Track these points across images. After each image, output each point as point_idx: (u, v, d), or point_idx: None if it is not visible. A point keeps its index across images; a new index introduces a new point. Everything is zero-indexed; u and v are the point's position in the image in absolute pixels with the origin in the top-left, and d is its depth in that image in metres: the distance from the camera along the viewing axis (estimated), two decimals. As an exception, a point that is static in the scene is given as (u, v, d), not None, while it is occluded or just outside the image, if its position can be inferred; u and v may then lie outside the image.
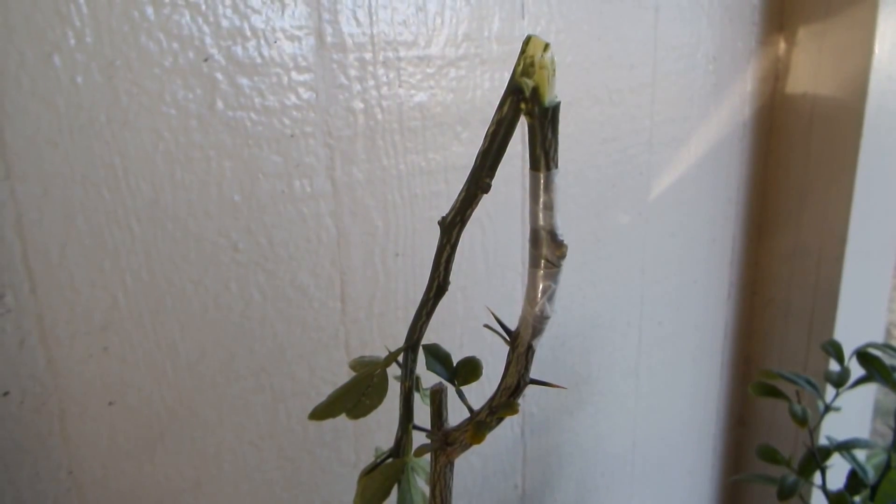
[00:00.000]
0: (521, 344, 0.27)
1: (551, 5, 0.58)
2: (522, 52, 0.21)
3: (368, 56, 0.49)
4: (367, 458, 0.56)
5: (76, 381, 0.42)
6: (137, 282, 0.43)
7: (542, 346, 0.68)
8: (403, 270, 0.54)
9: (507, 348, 0.29)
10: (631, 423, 0.80)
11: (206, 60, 0.42)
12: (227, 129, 0.44)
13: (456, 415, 0.36)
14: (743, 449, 0.96)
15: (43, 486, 0.43)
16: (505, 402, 0.28)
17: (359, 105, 0.49)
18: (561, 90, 0.60)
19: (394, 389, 0.35)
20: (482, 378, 0.56)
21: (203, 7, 0.42)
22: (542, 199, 0.23)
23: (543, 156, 0.23)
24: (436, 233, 0.28)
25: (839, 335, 0.81)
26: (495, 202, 0.59)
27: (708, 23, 0.71)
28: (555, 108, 0.22)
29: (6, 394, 0.40)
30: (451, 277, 0.30)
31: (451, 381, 0.33)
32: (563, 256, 0.23)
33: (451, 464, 0.33)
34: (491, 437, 0.66)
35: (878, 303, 0.88)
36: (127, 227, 0.42)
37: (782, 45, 0.80)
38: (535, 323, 0.26)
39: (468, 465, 0.65)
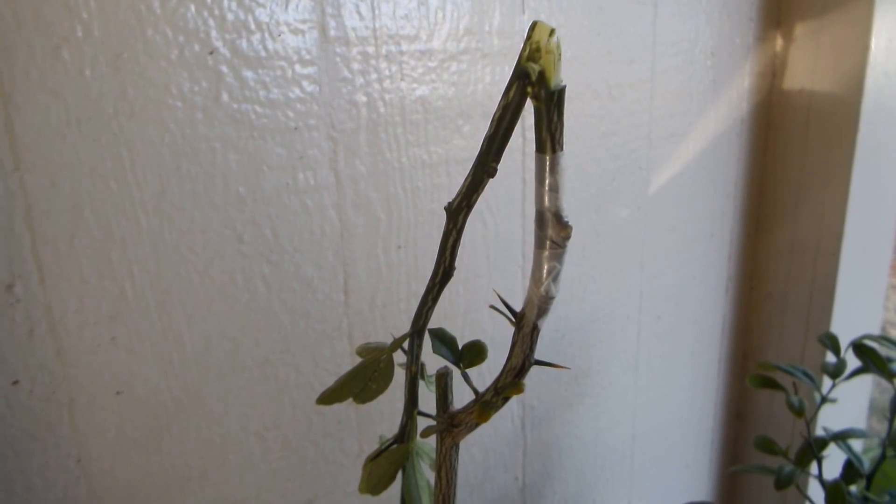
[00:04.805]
0: (526, 324, 0.27)
1: (551, 0, 0.59)
2: (528, 37, 0.22)
3: (371, 50, 0.49)
4: (370, 449, 0.57)
5: (84, 371, 0.43)
6: (144, 273, 0.44)
7: (542, 339, 0.69)
8: (406, 262, 0.55)
9: (508, 340, 0.29)
10: (630, 416, 0.81)
11: (211, 53, 0.43)
12: (232, 121, 0.45)
13: (460, 403, 0.36)
14: (741, 441, 0.97)
15: (52, 475, 0.43)
16: (510, 382, 0.29)
17: (362, 98, 0.50)
18: (565, 83, 0.61)
19: (398, 380, 0.36)
20: (483, 371, 0.57)
21: (208, 0, 0.42)
22: (547, 181, 0.23)
23: (549, 138, 0.23)
24: (437, 225, 0.29)
25: (836, 330, 0.82)
26: (496, 194, 0.59)
27: (706, 19, 0.72)
28: (560, 92, 0.23)
29: (16, 383, 0.41)
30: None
31: (456, 363, 0.33)
32: (568, 237, 0.24)
33: (457, 446, 0.34)
34: (491, 430, 0.67)
35: (874, 298, 0.88)
36: (134, 219, 0.43)
37: (780, 42, 0.81)
38: (540, 303, 0.26)
39: (470, 457, 0.65)
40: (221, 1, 0.43)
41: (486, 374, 0.61)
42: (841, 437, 0.64)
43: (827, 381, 0.67)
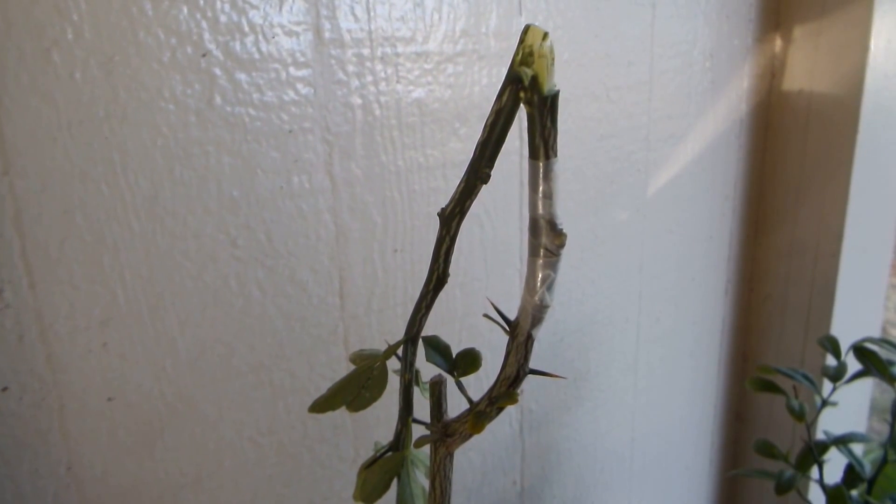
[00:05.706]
0: (520, 333, 0.27)
1: (548, 2, 0.58)
2: (521, 41, 0.21)
3: (366, 52, 0.49)
4: (366, 454, 0.56)
5: (75, 377, 0.42)
6: (137, 278, 0.43)
7: (541, 342, 0.68)
8: (402, 266, 0.54)
9: (505, 344, 0.29)
10: (629, 418, 0.80)
11: (204, 56, 0.42)
12: (225, 124, 0.44)
13: (455, 410, 0.36)
14: (741, 444, 0.97)
15: (42, 482, 0.43)
16: (504, 392, 0.28)
17: (357, 101, 0.49)
18: (558, 87, 0.60)
19: (393, 385, 0.35)
20: (480, 375, 0.56)
21: (201, 2, 0.42)
22: (541, 188, 0.23)
23: (543, 144, 0.23)
24: (434, 228, 0.28)
25: (836, 331, 0.82)
26: (493, 198, 0.59)
27: (704, 20, 0.72)
28: (554, 97, 0.23)
29: (5, 389, 0.40)
30: (450, 274, 0.30)
31: (450, 372, 0.33)
32: (562, 245, 0.24)
33: (451, 455, 0.33)
34: (490, 434, 0.66)
35: (874, 299, 0.88)
36: (126, 223, 0.42)
37: (779, 43, 0.80)
38: (534, 312, 0.26)
39: (467, 461, 0.65)
40: (214, 3, 0.42)
41: (483, 378, 0.60)
42: (842, 442, 0.63)
43: (827, 384, 0.66)
